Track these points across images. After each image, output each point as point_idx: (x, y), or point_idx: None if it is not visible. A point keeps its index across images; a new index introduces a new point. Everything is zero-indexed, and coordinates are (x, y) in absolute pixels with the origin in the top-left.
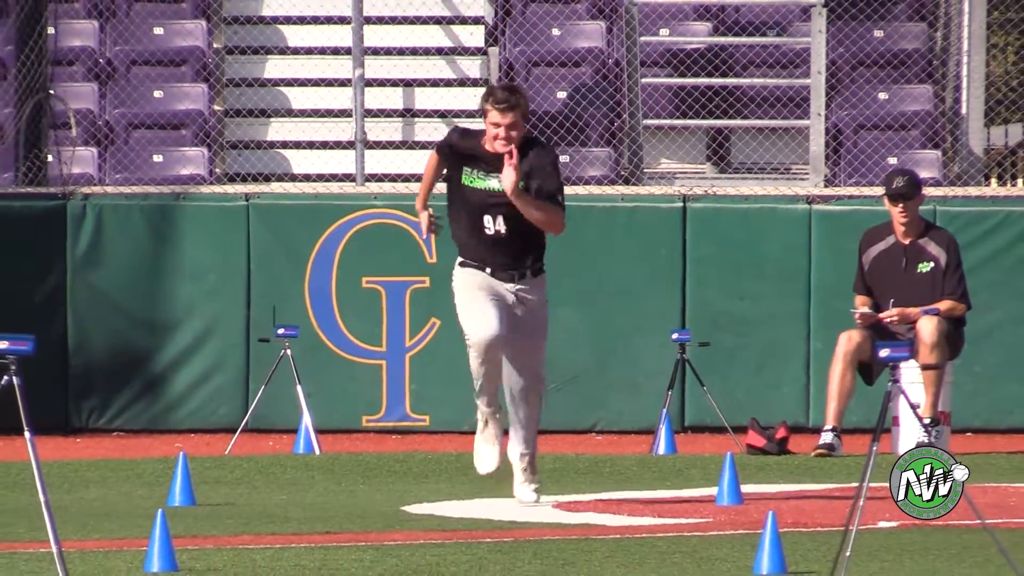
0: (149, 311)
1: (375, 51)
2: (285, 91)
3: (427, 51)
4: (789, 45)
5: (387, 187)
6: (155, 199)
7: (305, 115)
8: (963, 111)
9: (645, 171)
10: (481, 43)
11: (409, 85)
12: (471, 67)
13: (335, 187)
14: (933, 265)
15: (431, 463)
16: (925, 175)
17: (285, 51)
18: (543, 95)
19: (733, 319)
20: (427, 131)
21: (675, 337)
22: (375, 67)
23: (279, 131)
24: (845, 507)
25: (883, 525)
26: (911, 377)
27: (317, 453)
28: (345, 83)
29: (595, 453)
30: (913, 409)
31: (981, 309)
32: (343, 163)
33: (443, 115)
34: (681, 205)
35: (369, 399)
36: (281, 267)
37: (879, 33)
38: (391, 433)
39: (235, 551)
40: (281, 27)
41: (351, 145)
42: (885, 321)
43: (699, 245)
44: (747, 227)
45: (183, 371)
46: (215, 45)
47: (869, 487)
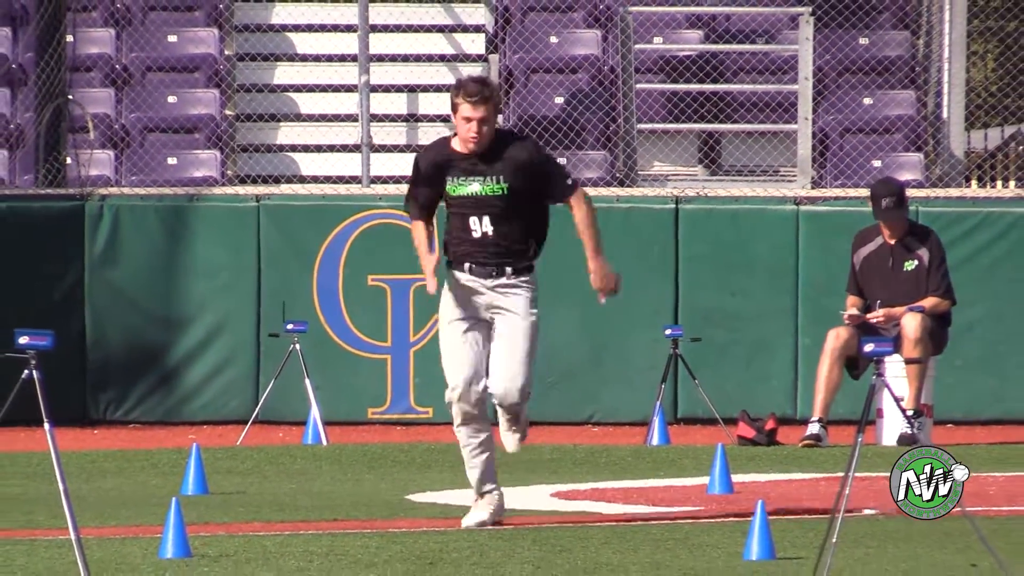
0: (164, 308)
1: (380, 58)
2: (294, 96)
3: (430, 58)
4: (777, 52)
5: (392, 188)
6: (169, 200)
7: (313, 119)
8: (944, 115)
9: (639, 173)
10: (482, 50)
11: (413, 91)
12: (472, 73)
13: (342, 188)
14: (918, 263)
15: (434, 453)
16: (908, 177)
17: (294, 58)
18: (541, 100)
19: (724, 315)
20: (430, 135)
21: (668, 333)
22: (380, 73)
23: (288, 135)
24: (831, 495)
25: (868, 512)
26: (895, 371)
27: (325, 444)
28: (351, 89)
29: (591, 444)
30: (897, 402)
31: (961, 306)
32: (349, 166)
33: (445, 120)
34: (674, 206)
35: (375, 392)
36: (290, 265)
37: (864, 41)
38: (396, 425)
39: (246, 538)
40: (290, 35)
41: (357, 148)
42: (872, 322)
43: (691, 244)
44: (737, 227)
45: (196, 365)
46: (227, 52)
47: (854, 476)
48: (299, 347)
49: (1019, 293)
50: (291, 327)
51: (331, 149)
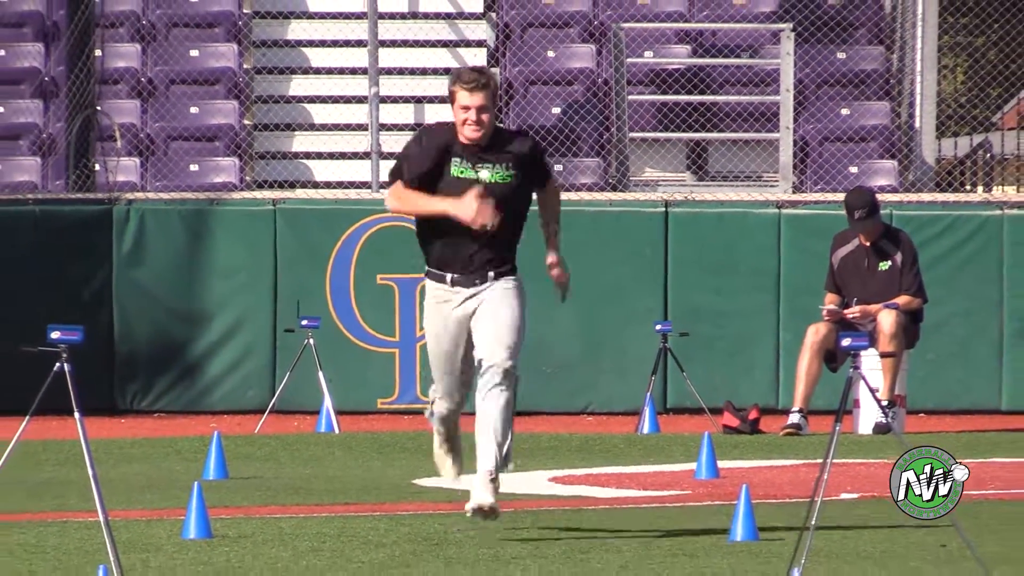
0: (186, 305)
1: (388, 71)
2: (308, 107)
3: (435, 71)
4: (760, 66)
5: None
6: (191, 204)
7: (326, 129)
8: (917, 125)
9: (631, 179)
10: (484, 64)
11: (419, 102)
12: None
13: (353, 193)
14: (892, 264)
15: None
16: (883, 182)
17: (308, 71)
18: (539, 111)
19: (710, 312)
20: None
21: (658, 328)
22: (388, 86)
23: (302, 143)
24: (811, 480)
25: (845, 497)
26: (871, 364)
27: (337, 432)
28: (362, 100)
29: (586, 432)
30: (872, 393)
31: (932, 303)
32: (360, 172)
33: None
34: (663, 210)
35: (383, 384)
36: (304, 265)
37: (841, 55)
38: (403, 414)
39: (263, 520)
40: (304, 50)
41: (367, 156)
42: (849, 318)
43: (679, 246)
44: (723, 230)
45: (217, 358)
46: (245, 66)
47: (832, 463)
48: (313, 342)
49: (986, 292)
50: (305, 323)
51: (343, 156)
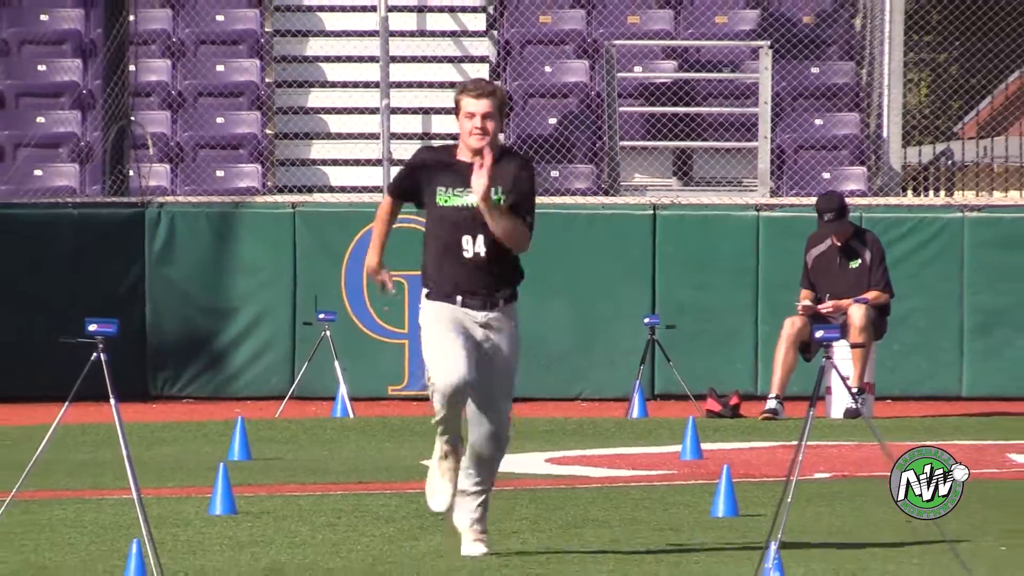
0: (213, 299)
1: (398, 85)
2: (324, 118)
3: (442, 84)
4: (740, 80)
5: None
6: (217, 207)
7: (341, 137)
8: (884, 135)
9: (621, 184)
10: (486, 78)
11: (427, 113)
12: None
13: (366, 197)
14: (861, 262)
15: None
16: (853, 187)
17: (324, 85)
18: (537, 121)
19: (694, 307)
20: None
21: (646, 321)
22: (398, 98)
23: (319, 151)
24: (787, 461)
25: (818, 476)
26: (842, 354)
27: (351, 417)
28: (374, 111)
29: (580, 417)
30: (843, 381)
31: (899, 298)
32: (372, 177)
33: (455, 138)
34: (651, 212)
35: (394, 372)
36: (321, 263)
37: (815, 70)
38: (412, 400)
39: (284, 498)
40: (321, 65)
41: (379, 163)
42: (822, 312)
43: (666, 246)
44: (706, 231)
45: (240, 349)
46: (267, 80)
47: (806, 445)
48: (329, 334)
49: (948, 288)
50: (322, 316)
51: (356, 163)
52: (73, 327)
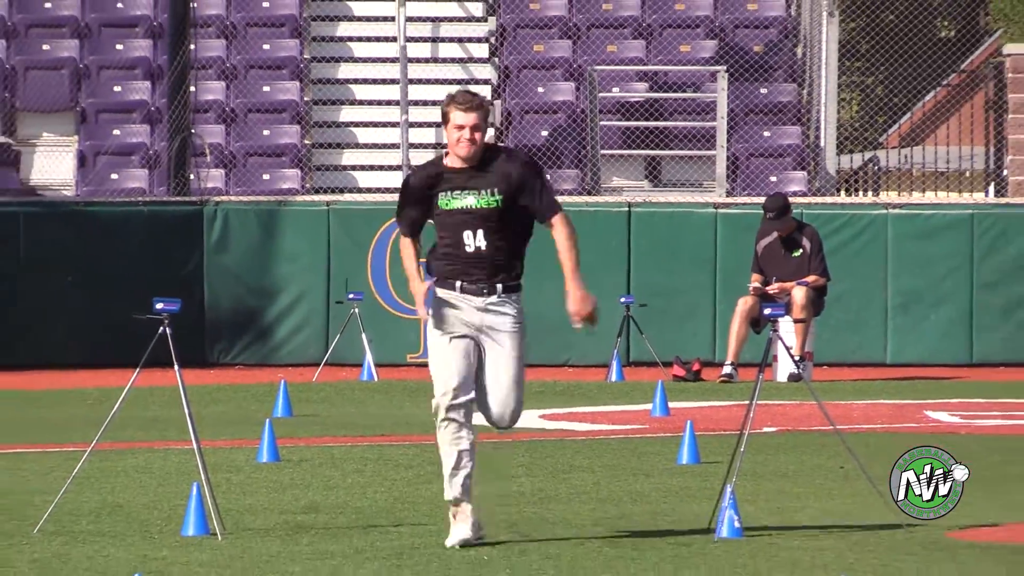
0: (260, 282)
1: (415, 103)
2: (354, 130)
3: None
4: (701, 98)
5: None
6: (264, 205)
7: (367, 147)
8: (821, 144)
9: (602, 186)
10: (488, 97)
11: (439, 126)
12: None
13: (388, 197)
14: (803, 251)
15: None
16: (795, 188)
17: (354, 103)
18: (531, 133)
19: (663, 288)
20: None
21: (622, 300)
22: (415, 114)
23: (350, 158)
24: (740, 417)
25: (767, 430)
26: (786, 328)
27: (376, 380)
28: (395, 125)
29: (567, 380)
30: (787, 350)
31: (834, 281)
32: (394, 180)
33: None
34: (627, 210)
35: (411, 342)
36: (351, 252)
37: (763, 90)
38: (427, 366)
39: (320, 448)
40: (351, 86)
41: (399, 168)
42: (770, 292)
43: (639, 237)
44: (672, 225)
45: (283, 323)
46: (305, 98)
47: (756, 404)
48: (357, 311)
49: (874, 272)
50: (351, 296)
51: (380, 168)
52: (143, 306)
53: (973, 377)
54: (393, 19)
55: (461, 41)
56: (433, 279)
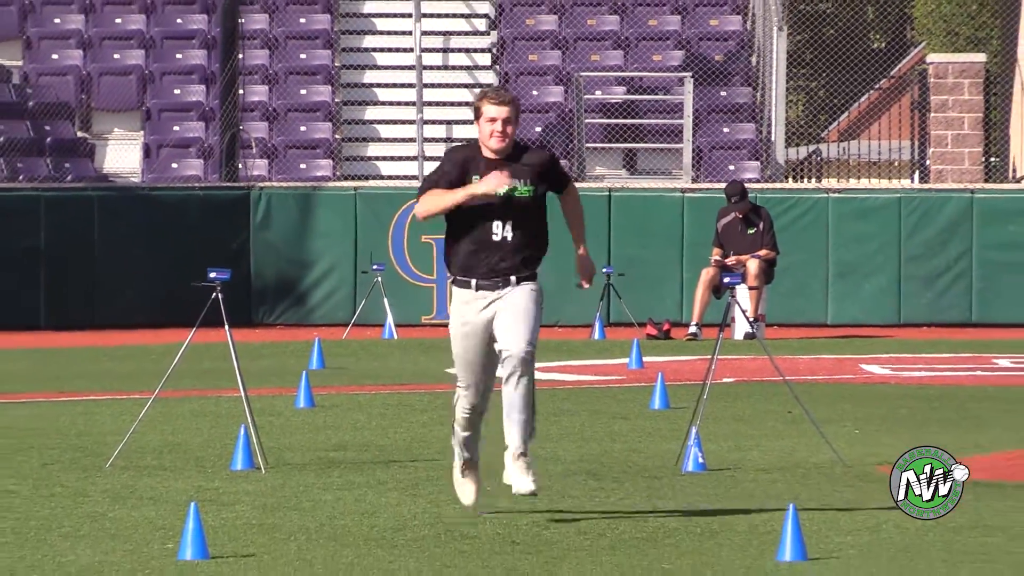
0: (298, 255)
1: (429, 103)
2: (377, 127)
3: (460, 103)
4: (671, 100)
5: None
6: (301, 190)
7: (389, 141)
8: (772, 139)
9: (587, 174)
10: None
11: (449, 124)
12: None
13: (406, 183)
14: (756, 229)
15: None
16: (750, 176)
17: (377, 103)
18: (527, 129)
19: (639, 260)
20: None
21: (604, 270)
22: (429, 113)
23: (374, 150)
24: (703, 370)
25: (726, 381)
26: (742, 295)
27: (395, 338)
28: (412, 122)
29: (558, 339)
30: (743, 312)
31: (783, 255)
32: (411, 169)
33: (470, 141)
34: (608, 194)
35: (426, 306)
36: (375, 229)
37: (723, 93)
38: (439, 326)
39: (348, 395)
40: (375, 89)
41: (415, 159)
42: (729, 264)
43: (618, 218)
44: (647, 207)
45: (318, 289)
46: (336, 100)
47: (717, 358)
48: (380, 279)
49: (818, 247)
50: (375, 267)
51: (400, 159)
52: (199, 275)
53: (901, 336)
54: (410, 33)
55: (468, 51)
56: (450, 278)
